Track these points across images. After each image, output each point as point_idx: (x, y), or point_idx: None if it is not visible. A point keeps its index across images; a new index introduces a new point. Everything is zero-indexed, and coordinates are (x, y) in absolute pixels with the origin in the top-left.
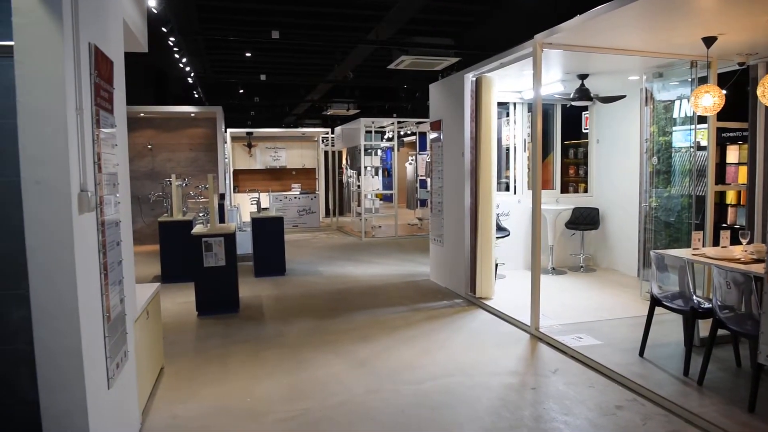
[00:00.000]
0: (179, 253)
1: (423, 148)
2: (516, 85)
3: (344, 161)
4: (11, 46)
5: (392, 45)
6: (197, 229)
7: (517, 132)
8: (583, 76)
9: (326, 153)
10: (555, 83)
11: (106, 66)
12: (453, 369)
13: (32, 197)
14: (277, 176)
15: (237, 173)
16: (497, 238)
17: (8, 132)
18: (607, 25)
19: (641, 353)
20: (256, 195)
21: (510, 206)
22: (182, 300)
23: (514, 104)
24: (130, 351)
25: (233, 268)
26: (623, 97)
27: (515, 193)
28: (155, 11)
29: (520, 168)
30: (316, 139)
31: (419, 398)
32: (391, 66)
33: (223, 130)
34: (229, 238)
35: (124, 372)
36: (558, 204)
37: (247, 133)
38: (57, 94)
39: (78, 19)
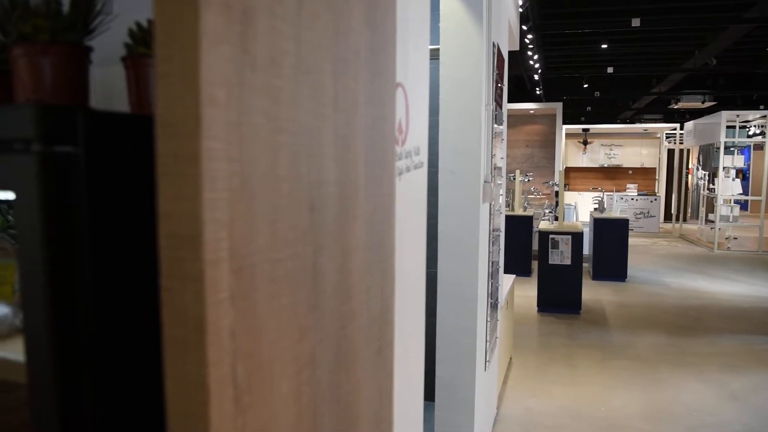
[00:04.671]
0: (518, 246)
1: None
2: None
3: (693, 160)
4: (434, 50)
5: None
6: (543, 225)
7: None
8: None
9: (670, 151)
10: None
11: (501, 63)
12: None
13: (447, 185)
14: (611, 175)
15: (567, 171)
16: None
17: None
18: None
19: None
20: (598, 194)
21: None
22: (521, 293)
23: None
24: (498, 338)
25: (578, 267)
26: None
27: None
28: (520, 10)
29: None
30: (658, 135)
31: None
32: None
33: (561, 126)
34: (577, 237)
35: (494, 357)
36: None
37: (583, 130)
38: (475, 91)
39: (491, 20)
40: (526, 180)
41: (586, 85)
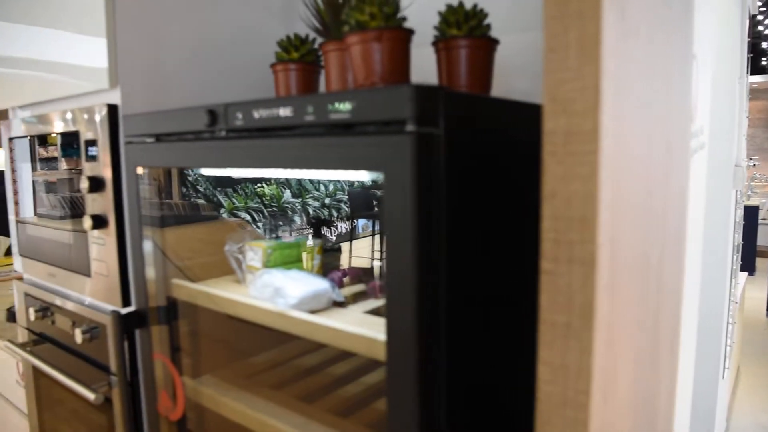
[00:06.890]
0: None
1: None
2: None
3: None
4: None
5: None
6: None
7: None
8: None
9: None
10: None
11: (750, 31)
12: None
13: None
14: None
15: None
16: None
17: None
18: None
19: None
20: None
21: None
22: (746, 295)
23: None
24: (734, 342)
25: None
26: None
27: None
28: None
29: None
30: None
31: None
32: None
33: None
34: None
35: (730, 364)
36: None
37: None
38: (730, 62)
39: None
40: (751, 165)
41: None
